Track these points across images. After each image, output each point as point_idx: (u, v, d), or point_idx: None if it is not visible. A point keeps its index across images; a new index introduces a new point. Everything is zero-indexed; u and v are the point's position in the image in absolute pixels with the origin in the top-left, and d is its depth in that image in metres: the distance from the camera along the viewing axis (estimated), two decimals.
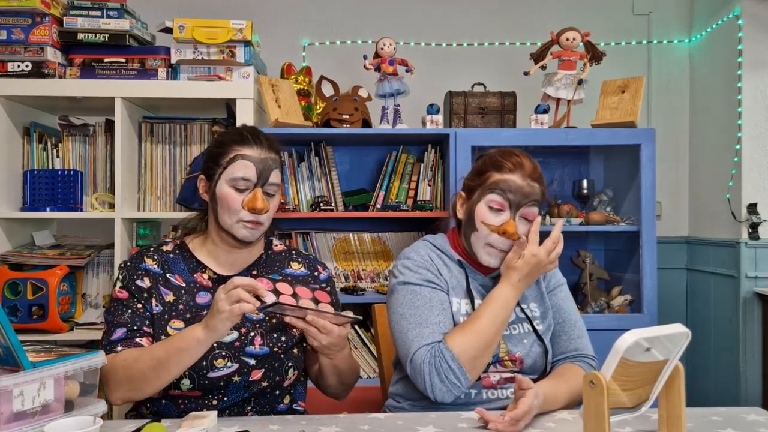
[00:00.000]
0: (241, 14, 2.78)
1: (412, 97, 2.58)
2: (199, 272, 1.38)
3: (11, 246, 2.34)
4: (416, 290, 1.37)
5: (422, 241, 1.50)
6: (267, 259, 1.45)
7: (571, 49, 2.48)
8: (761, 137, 2.72)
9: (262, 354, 1.33)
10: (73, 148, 2.41)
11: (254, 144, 1.35)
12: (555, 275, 1.53)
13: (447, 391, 1.27)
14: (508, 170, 1.37)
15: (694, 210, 3.10)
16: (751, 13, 2.70)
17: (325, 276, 1.50)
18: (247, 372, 1.31)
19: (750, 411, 1.25)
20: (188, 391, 1.29)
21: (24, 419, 1.02)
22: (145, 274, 1.35)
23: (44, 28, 2.21)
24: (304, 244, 2.71)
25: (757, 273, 2.68)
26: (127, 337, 1.29)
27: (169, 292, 1.35)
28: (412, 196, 2.61)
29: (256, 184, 1.33)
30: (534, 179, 1.37)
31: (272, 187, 1.36)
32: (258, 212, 1.32)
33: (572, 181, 2.86)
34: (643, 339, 0.94)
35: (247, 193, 1.33)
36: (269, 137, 1.39)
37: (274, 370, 1.34)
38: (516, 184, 1.35)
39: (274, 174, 1.36)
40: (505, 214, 1.36)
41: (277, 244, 1.51)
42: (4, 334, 1.02)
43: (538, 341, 1.39)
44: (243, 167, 1.33)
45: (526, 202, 1.36)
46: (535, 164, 1.40)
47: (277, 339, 1.35)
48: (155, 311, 1.33)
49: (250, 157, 1.33)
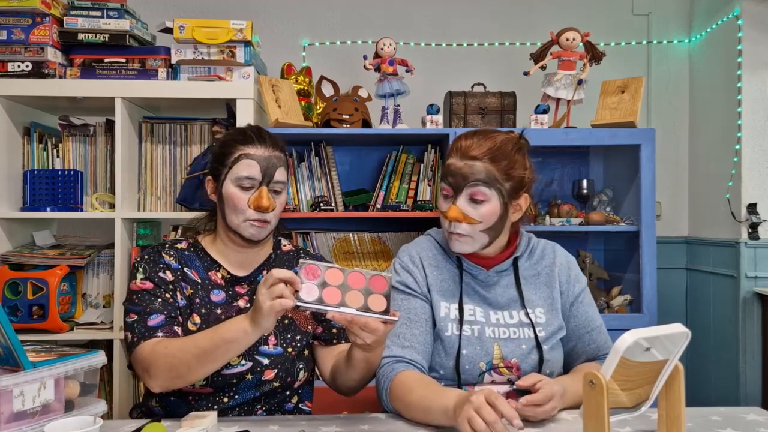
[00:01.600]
0: (241, 14, 2.79)
1: (412, 97, 2.58)
2: (214, 270, 1.39)
3: (11, 246, 2.34)
4: (394, 295, 1.36)
5: (425, 235, 1.48)
6: (276, 259, 1.46)
7: (570, 50, 2.49)
8: (761, 137, 2.72)
9: (276, 354, 1.34)
10: (73, 148, 2.41)
11: (258, 143, 1.35)
12: (579, 279, 1.43)
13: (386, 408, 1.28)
14: (452, 155, 1.33)
15: (694, 210, 3.10)
16: (750, 13, 2.70)
17: None
18: (260, 371, 1.32)
19: (750, 411, 1.25)
20: (200, 387, 1.29)
21: (24, 419, 1.02)
22: (166, 268, 1.35)
23: (44, 28, 2.21)
24: (304, 244, 2.71)
25: (756, 273, 2.68)
26: (166, 323, 1.28)
27: (188, 287, 1.35)
28: (412, 196, 2.61)
29: (261, 182, 1.34)
30: (473, 158, 1.29)
31: (278, 185, 1.37)
32: (264, 210, 1.32)
33: (572, 181, 2.86)
34: (643, 339, 0.94)
35: (252, 191, 1.33)
36: (274, 135, 1.40)
37: (286, 371, 1.35)
38: (455, 167, 1.31)
39: (280, 171, 1.36)
40: (451, 200, 1.33)
41: (286, 244, 1.51)
42: (5, 334, 1.02)
43: (537, 349, 1.33)
44: (247, 166, 1.33)
45: (465, 183, 1.30)
46: (484, 141, 1.31)
47: (291, 339, 1.36)
48: (181, 305, 1.33)
49: (253, 156, 1.33)
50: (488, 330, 1.34)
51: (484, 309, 1.37)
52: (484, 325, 1.34)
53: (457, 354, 1.31)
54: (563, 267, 1.43)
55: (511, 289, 1.38)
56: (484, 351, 1.32)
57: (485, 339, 1.33)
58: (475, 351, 1.32)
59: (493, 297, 1.37)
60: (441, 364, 1.33)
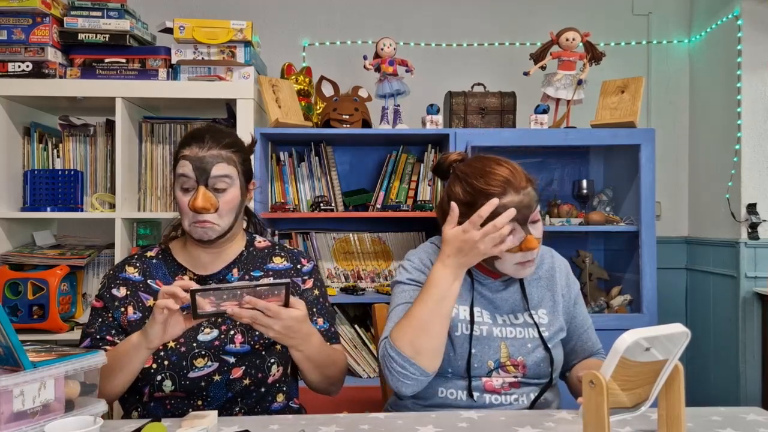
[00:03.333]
0: (241, 14, 2.79)
1: (412, 97, 2.58)
2: (180, 275, 1.38)
3: (12, 246, 2.34)
4: (403, 288, 1.39)
5: (429, 243, 1.49)
6: (248, 256, 1.43)
7: (570, 50, 2.49)
8: (761, 137, 2.72)
9: (243, 352, 1.33)
10: (73, 148, 2.41)
11: (194, 143, 1.33)
12: (575, 281, 1.48)
13: (398, 381, 1.27)
14: (500, 194, 1.28)
15: (694, 210, 3.10)
16: (750, 13, 2.70)
17: (309, 268, 1.46)
18: (227, 370, 1.31)
19: (750, 411, 1.25)
20: (171, 392, 1.30)
21: (24, 419, 1.02)
22: (123, 284, 1.37)
23: (45, 29, 2.22)
24: (304, 244, 2.71)
25: (756, 273, 2.68)
26: (90, 345, 1.32)
27: (150, 297, 1.36)
28: (412, 196, 2.61)
29: (198, 181, 1.31)
30: (524, 186, 1.30)
31: (220, 181, 1.32)
32: (199, 211, 1.30)
33: (572, 181, 2.86)
34: (643, 339, 0.94)
35: (193, 192, 1.32)
36: (219, 134, 1.35)
37: (255, 367, 1.33)
38: (515, 203, 1.28)
39: (218, 167, 1.31)
40: (517, 232, 1.30)
41: (261, 240, 1.48)
42: (5, 334, 1.02)
43: (543, 347, 1.38)
44: (182, 167, 1.32)
45: (529, 211, 1.31)
46: (514, 168, 1.32)
47: (260, 336, 1.34)
48: (132, 318, 1.34)
49: (187, 156, 1.32)
50: (495, 330, 1.38)
51: (491, 312, 1.41)
52: (492, 326, 1.38)
53: (468, 353, 1.34)
54: (562, 271, 1.48)
55: (516, 294, 1.42)
56: (492, 350, 1.36)
57: (493, 338, 1.37)
58: (483, 350, 1.35)
59: (499, 301, 1.42)
60: (450, 362, 1.35)
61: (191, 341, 1.32)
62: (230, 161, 1.34)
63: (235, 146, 1.37)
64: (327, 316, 1.44)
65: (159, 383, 1.29)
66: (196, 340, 1.32)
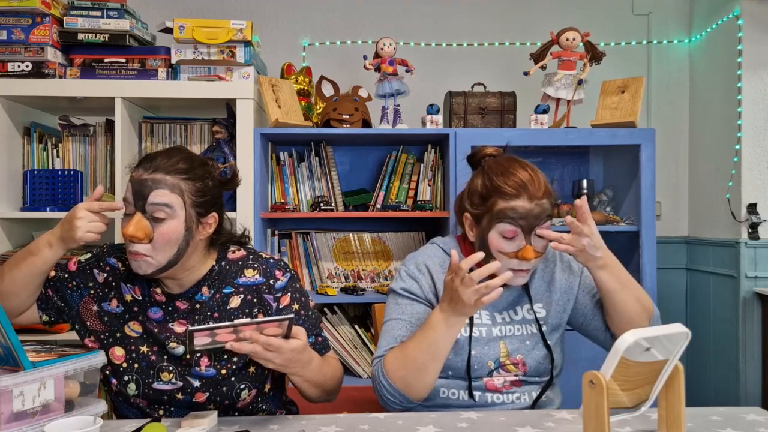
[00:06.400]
0: (241, 14, 2.79)
1: (412, 97, 2.58)
2: (155, 287, 1.32)
3: (11, 246, 2.34)
4: (397, 300, 1.39)
5: (431, 243, 1.48)
6: (219, 271, 1.33)
7: (570, 49, 2.49)
8: (761, 137, 2.72)
9: (207, 376, 1.27)
10: (73, 148, 2.41)
11: (142, 164, 1.25)
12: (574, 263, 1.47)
13: (387, 404, 1.30)
14: (513, 196, 1.28)
15: (694, 210, 3.10)
16: (751, 13, 2.70)
17: (283, 282, 1.34)
18: (190, 393, 1.27)
19: (750, 411, 1.25)
20: (134, 397, 1.28)
21: (24, 419, 1.02)
22: (105, 270, 1.34)
23: (44, 28, 2.21)
24: (304, 244, 2.71)
25: (756, 273, 2.68)
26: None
27: (129, 294, 1.32)
28: (412, 196, 2.61)
29: (136, 207, 1.21)
30: (539, 196, 1.29)
31: (157, 209, 1.20)
32: (129, 239, 1.19)
33: (572, 181, 2.86)
34: (643, 339, 0.94)
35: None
36: (176, 158, 1.25)
37: (221, 395, 1.28)
38: (525, 209, 1.28)
39: (155, 194, 1.20)
40: (519, 239, 1.29)
41: (234, 250, 1.37)
42: (4, 334, 1.02)
43: (543, 344, 1.37)
44: (126, 189, 1.25)
45: (538, 223, 1.29)
46: (537, 176, 1.31)
47: (227, 361, 1.28)
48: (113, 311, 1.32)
49: (132, 178, 1.24)
50: (495, 330, 1.38)
51: (489, 311, 1.40)
52: (491, 326, 1.38)
53: (468, 355, 1.34)
54: (563, 264, 1.48)
55: (515, 289, 1.42)
56: (492, 350, 1.36)
57: (492, 338, 1.37)
58: (483, 351, 1.36)
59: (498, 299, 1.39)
60: (450, 365, 1.34)
61: (162, 352, 1.28)
62: (175, 189, 1.21)
63: (188, 173, 1.24)
64: (312, 329, 1.36)
65: (125, 384, 1.27)
66: (167, 352, 1.28)
